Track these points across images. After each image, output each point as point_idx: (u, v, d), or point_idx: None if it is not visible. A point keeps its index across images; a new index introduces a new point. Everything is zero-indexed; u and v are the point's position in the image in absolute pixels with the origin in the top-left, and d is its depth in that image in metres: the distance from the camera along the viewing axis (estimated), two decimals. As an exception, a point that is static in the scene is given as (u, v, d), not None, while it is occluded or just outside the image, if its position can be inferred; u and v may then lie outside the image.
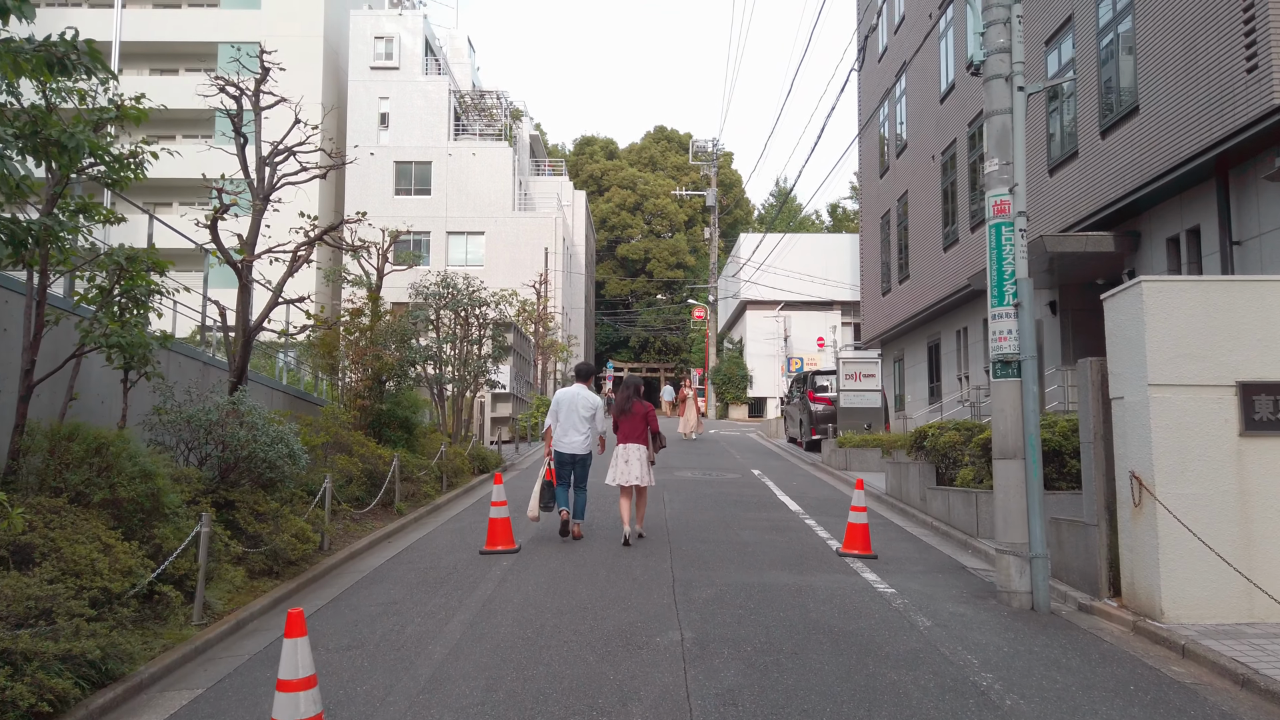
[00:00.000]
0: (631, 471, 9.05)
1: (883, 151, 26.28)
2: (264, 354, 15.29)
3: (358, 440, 10.96)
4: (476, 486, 14.00)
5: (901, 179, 24.15)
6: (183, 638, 5.67)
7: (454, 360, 16.81)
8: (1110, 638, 6.03)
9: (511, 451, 20.41)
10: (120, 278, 6.42)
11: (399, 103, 39.22)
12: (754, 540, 9.21)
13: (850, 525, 8.63)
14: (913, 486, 11.74)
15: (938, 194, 21.10)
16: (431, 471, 12.36)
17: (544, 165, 48.45)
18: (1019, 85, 7.22)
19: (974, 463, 10.07)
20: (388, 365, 12.36)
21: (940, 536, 9.97)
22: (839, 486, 14.36)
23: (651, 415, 9.35)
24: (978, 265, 18.17)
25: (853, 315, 40.43)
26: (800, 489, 13.73)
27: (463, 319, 16.78)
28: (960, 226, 19.47)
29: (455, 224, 39.17)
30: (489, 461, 15.63)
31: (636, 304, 63.61)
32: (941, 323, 21.97)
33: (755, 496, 12.68)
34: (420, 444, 13.38)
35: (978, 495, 9.47)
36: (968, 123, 18.97)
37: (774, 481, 14.54)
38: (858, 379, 18.42)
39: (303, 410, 12.08)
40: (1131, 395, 6.44)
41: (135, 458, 5.91)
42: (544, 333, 31.93)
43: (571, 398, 9.29)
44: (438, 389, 16.60)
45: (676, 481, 14.15)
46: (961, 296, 19.65)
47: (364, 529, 9.56)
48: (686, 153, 67.66)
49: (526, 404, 26.62)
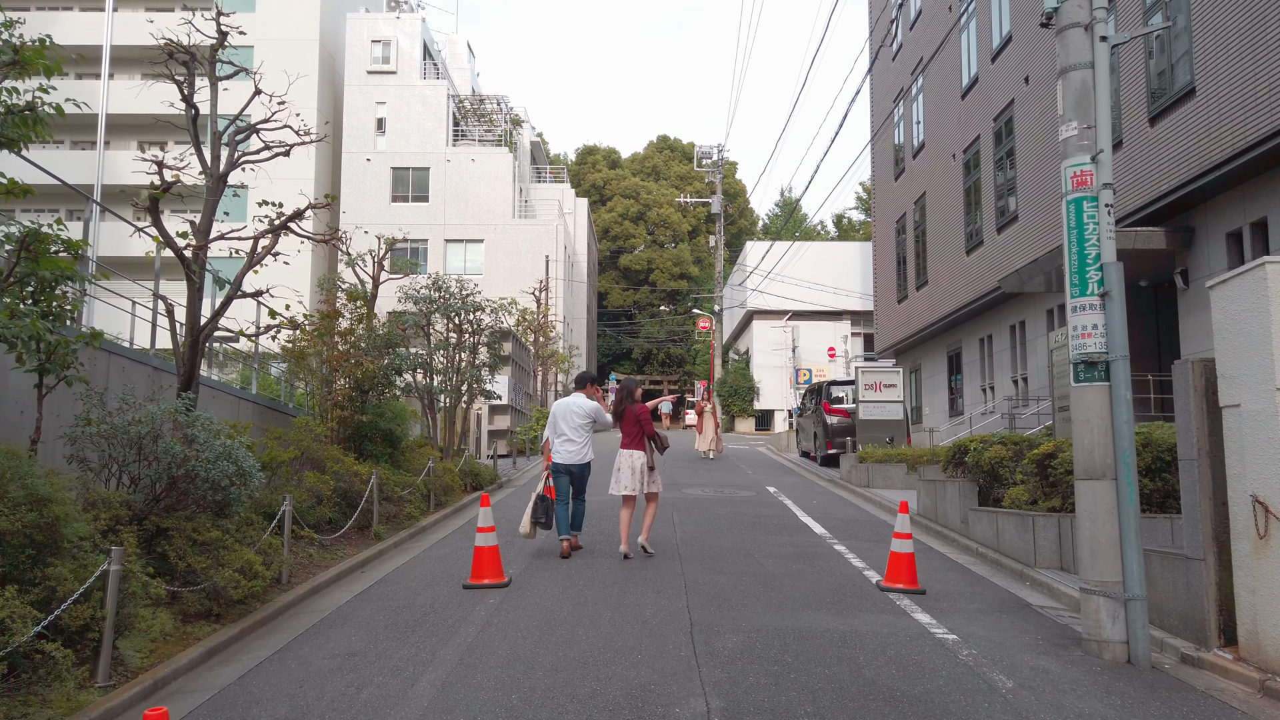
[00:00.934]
0: (622, 481, 8.57)
1: (897, 154, 25.19)
2: (244, 361, 14.16)
3: (332, 455, 9.79)
4: (468, 505, 12.83)
5: (918, 181, 23.05)
6: (77, 705, 4.50)
7: (446, 369, 15.66)
8: (1237, 702, 4.84)
9: (509, 466, 19.23)
10: (19, 260, 5.28)
11: (396, 107, 38.24)
12: (780, 571, 8.02)
13: (893, 555, 7.45)
14: (950, 507, 10.55)
15: (959, 195, 19.98)
16: (417, 490, 11.19)
17: (545, 172, 47.41)
18: (1101, 35, 6.08)
19: (1026, 481, 8.88)
20: (369, 373, 11.20)
21: (990, 566, 8.78)
22: (864, 506, 13.16)
23: (645, 418, 8.74)
24: (1004, 268, 17.03)
25: (863, 325, 39.28)
26: (823, 509, 12.54)
27: (455, 325, 15.65)
28: (985, 227, 18.33)
29: (454, 231, 38.10)
30: (482, 478, 14.45)
31: (639, 315, 62.48)
32: (963, 330, 20.82)
33: (775, 517, 11.49)
34: (406, 459, 12.22)
35: (1034, 519, 8.28)
36: (993, 117, 17.87)
37: (793, 500, 13.35)
38: (878, 389, 17.25)
39: (274, 422, 10.93)
40: (1252, 402, 5.27)
41: (25, 479, 4.75)
42: (544, 342, 30.76)
43: (566, 407, 8.93)
44: (429, 399, 15.45)
45: (687, 501, 12.97)
46: (986, 302, 18.51)
47: (333, 557, 8.39)
48: (690, 162, 66.69)
49: (526, 416, 25.47)
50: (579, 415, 8.81)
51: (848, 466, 16.14)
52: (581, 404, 8.89)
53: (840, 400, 19.79)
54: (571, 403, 8.93)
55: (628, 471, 8.55)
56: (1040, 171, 15.62)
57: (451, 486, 12.47)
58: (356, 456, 11.39)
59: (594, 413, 8.89)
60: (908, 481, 15.04)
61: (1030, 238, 16.06)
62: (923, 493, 11.75)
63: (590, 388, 9.18)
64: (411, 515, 10.56)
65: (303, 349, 10.88)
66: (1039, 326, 16.78)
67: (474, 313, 15.81)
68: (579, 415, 8.81)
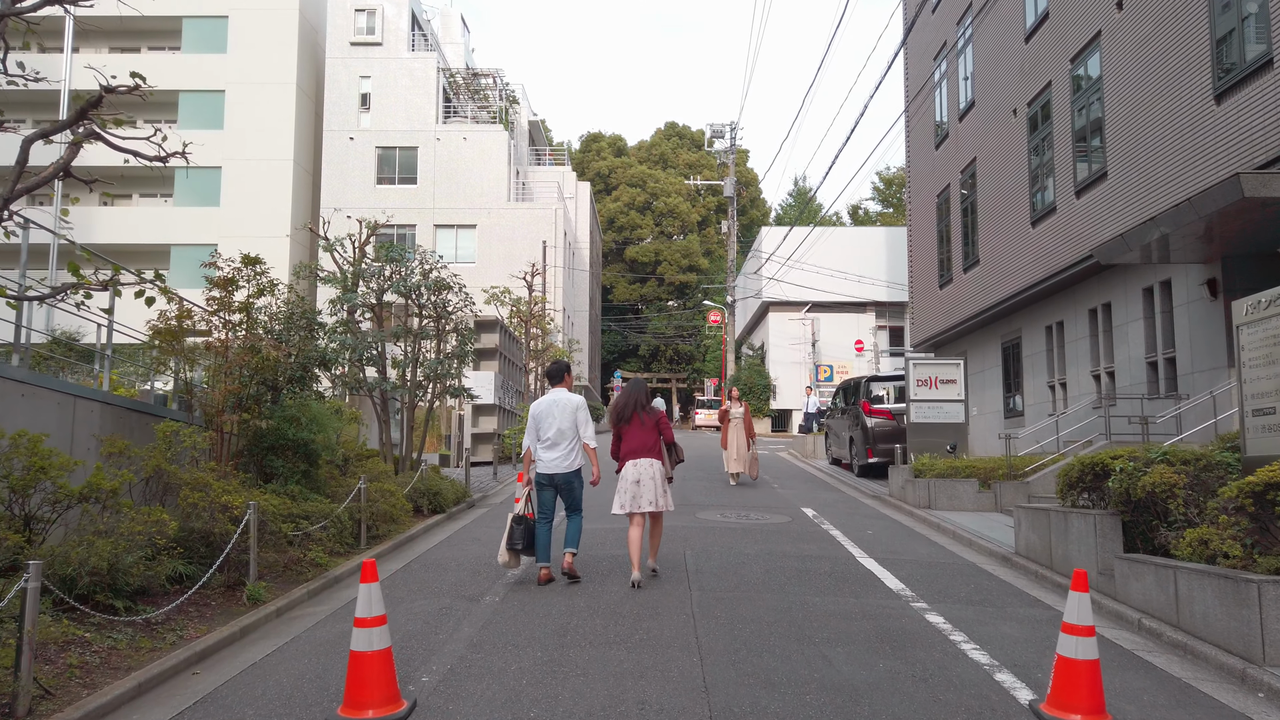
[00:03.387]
0: (644, 495, 7.27)
1: (938, 119, 22.09)
2: (135, 356, 11.17)
3: (196, 479, 6.80)
4: (419, 536, 9.85)
5: (966, 146, 19.96)
6: None
7: (405, 362, 12.68)
8: None
9: (488, 478, 16.21)
10: None
11: (382, 82, 35.29)
12: (862, 679, 4.98)
13: (1064, 663, 4.39)
14: (1078, 550, 7.51)
15: (1021, 156, 16.90)
16: (335, 524, 8.20)
17: (544, 155, 44.36)
18: None
19: (1219, 522, 5.82)
20: (270, 363, 8.20)
21: (1172, 652, 5.73)
22: (936, 539, 10.09)
23: (664, 423, 7.69)
24: (1087, 238, 13.92)
25: (890, 317, 36.19)
26: (886, 545, 9.49)
27: (416, 307, 12.66)
28: (1059, 191, 15.24)
29: (444, 216, 35.12)
30: (444, 497, 11.43)
31: (646, 310, 59.43)
32: (1024, 317, 17.73)
33: (825, 560, 8.46)
34: (327, 478, 9.22)
35: (1261, 588, 5.23)
36: (1070, 58, 14.77)
37: (841, 530, 10.30)
38: (933, 386, 14.18)
39: (137, 430, 7.94)
40: None
41: None
42: (539, 335, 27.76)
43: (548, 406, 7.48)
44: (383, 400, 12.47)
45: (702, 531, 9.94)
46: (1057, 282, 15.42)
47: (159, 645, 5.39)
48: (699, 149, 63.67)
49: (516, 417, 22.49)
50: (563, 413, 7.37)
51: (899, 481, 13.10)
52: (566, 400, 7.46)
53: (881, 399, 16.73)
54: (554, 400, 7.47)
55: (648, 484, 7.28)
56: (1140, 116, 12.54)
57: (394, 513, 9.45)
58: (258, 477, 8.41)
59: (579, 409, 7.48)
60: (980, 501, 11.98)
61: (1125, 198, 12.98)
62: (1025, 525, 8.68)
63: (568, 376, 7.75)
64: (318, 562, 7.56)
65: (172, 330, 7.85)
66: (1131, 309, 13.69)
67: (440, 293, 12.81)
68: (563, 413, 7.37)
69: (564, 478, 7.30)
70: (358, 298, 11.80)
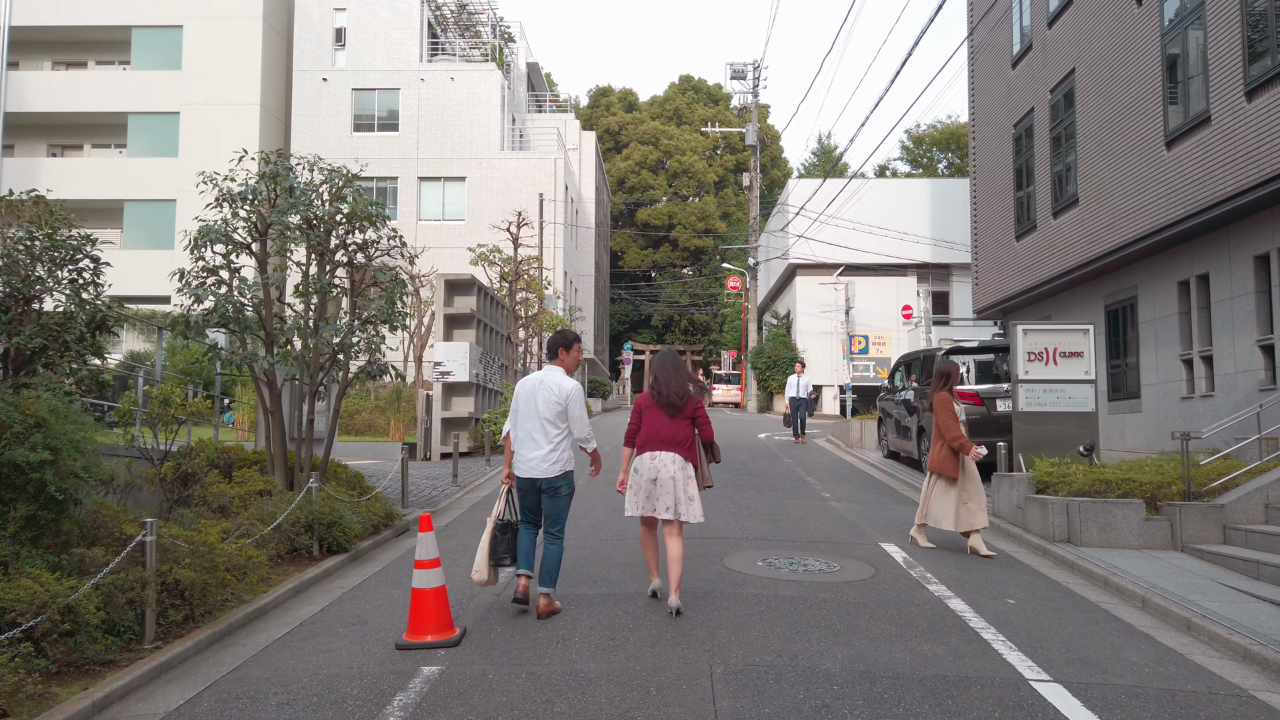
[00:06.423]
0: (661, 498, 5.69)
1: (1018, 29, 17.89)
2: None
3: None
4: (273, 610, 6.04)
5: (1059, 58, 15.81)
6: None
7: (298, 325, 8.84)
8: None
9: (445, 480, 12.38)
10: None
11: (358, 15, 31.19)
12: None
13: None
14: None
15: (1151, 57, 12.76)
16: (72, 617, 4.38)
17: (545, 102, 40.17)
18: None
19: None
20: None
21: None
22: (1134, 619, 6.08)
23: (702, 414, 5.93)
24: (1262, 157, 9.86)
25: (935, 281, 32.08)
26: (1058, 636, 5.59)
27: (319, 241, 8.76)
28: (1214, 97, 11.12)
29: (429, 167, 31.13)
30: (347, 528, 7.59)
31: (659, 277, 55.34)
32: (1144, 271, 13.68)
33: (974, 685, 4.57)
34: (104, 520, 5.39)
35: None
36: (1241, -95, 10.60)
37: (963, 597, 6.36)
38: (1049, 360, 10.21)
39: None
40: None
41: None
42: (532, 300, 23.86)
43: (532, 388, 5.79)
44: (268, 382, 8.63)
45: (735, 602, 6.07)
46: (1206, 221, 11.38)
47: None
48: (716, 104, 59.25)
49: (499, 397, 18.66)
50: (547, 401, 5.66)
51: (1013, 497, 9.18)
52: (555, 384, 5.73)
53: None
54: (540, 381, 5.78)
55: (667, 484, 5.69)
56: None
57: (243, 566, 5.59)
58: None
59: (570, 399, 5.70)
60: (1148, 535, 8.00)
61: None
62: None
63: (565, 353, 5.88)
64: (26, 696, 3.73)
65: None
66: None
67: (349, 224, 8.91)
68: (547, 401, 5.66)
69: (549, 482, 5.68)
70: (222, 226, 7.90)
